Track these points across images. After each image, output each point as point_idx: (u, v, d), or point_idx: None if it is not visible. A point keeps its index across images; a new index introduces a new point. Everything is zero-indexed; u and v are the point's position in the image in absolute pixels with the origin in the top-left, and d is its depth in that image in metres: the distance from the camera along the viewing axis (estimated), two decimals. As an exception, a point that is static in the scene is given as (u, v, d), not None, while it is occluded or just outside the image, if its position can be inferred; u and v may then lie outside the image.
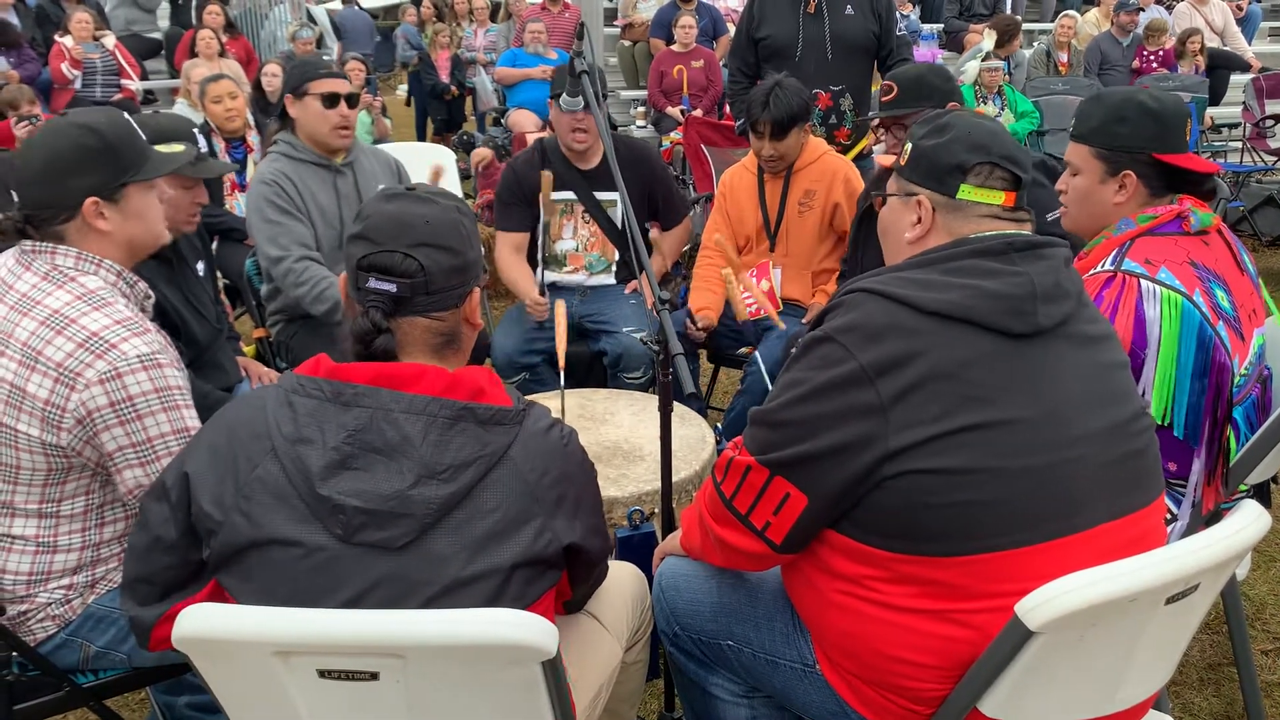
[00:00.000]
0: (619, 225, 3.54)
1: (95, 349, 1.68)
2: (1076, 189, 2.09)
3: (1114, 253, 1.96)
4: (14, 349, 1.70)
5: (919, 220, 1.55)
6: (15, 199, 1.78)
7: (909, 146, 1.60)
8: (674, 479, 2.13)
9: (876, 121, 3.11)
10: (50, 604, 1.81)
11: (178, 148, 2.03)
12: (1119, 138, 2.02)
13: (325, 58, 3.16)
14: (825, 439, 1.39)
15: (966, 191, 1.51)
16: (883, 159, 2.99)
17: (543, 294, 3.41)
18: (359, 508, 1.30)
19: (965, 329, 1.38)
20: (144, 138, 1.90)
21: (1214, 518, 1.98)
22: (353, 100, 3.10)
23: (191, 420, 1.79)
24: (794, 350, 1.50)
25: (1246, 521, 1.41)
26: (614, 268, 3.60)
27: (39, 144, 1.79)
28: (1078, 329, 1.45)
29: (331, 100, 3.04)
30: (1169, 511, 2.03)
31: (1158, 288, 1.88)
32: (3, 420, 1.71)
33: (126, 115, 1.90)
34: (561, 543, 1.40)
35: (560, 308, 2.61)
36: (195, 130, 2.44)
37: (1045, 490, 1.37)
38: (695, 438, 2.54)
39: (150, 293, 1.89)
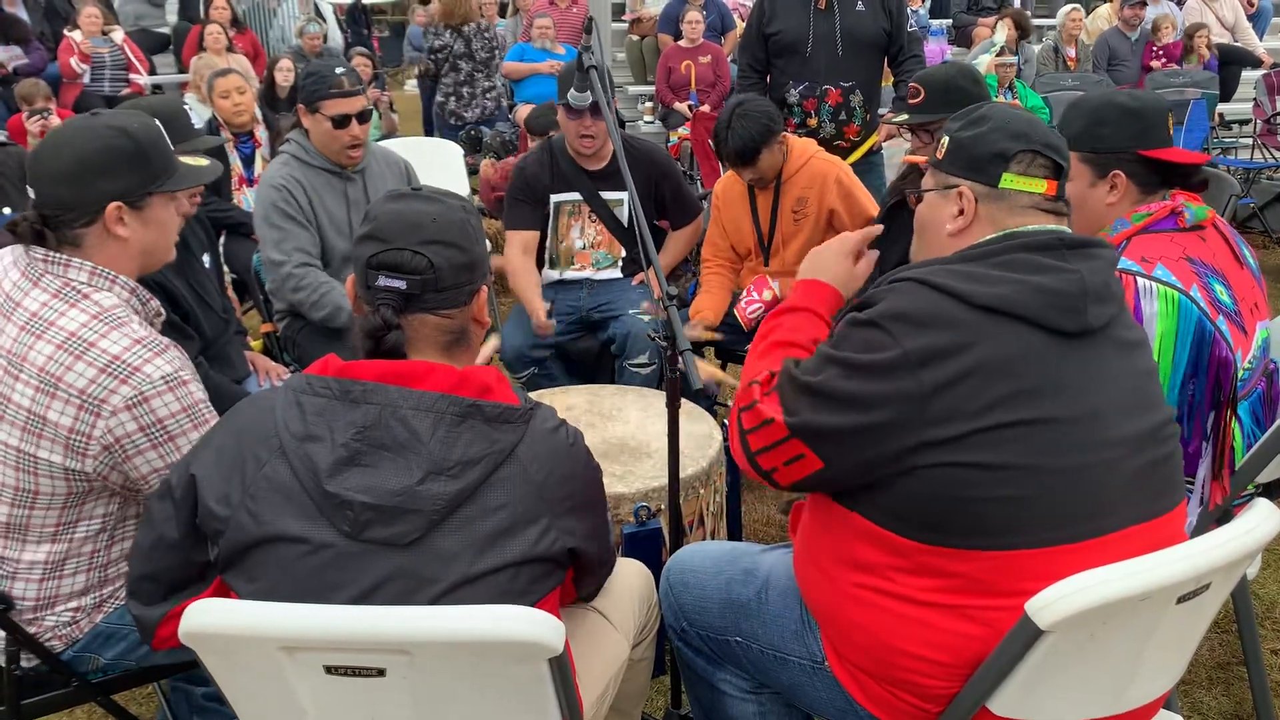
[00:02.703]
0: (625, 224, 3.54)
1: (118, 374, 1.64)
2: (1068, 195, 2.08)
3: None
4: (30, 374, 1.64)
5: (961, 212, 1.54)
6: (31, 195, 1.71)
7: (945, 139, 1.59)
8: (681, 475, 2.13)
9: (888, 121, 3.05)
10: (57, 625, 1.79)
11: (203, 161, 1.98)
12: (1103, 139, 2.03)
13: (336, 66, 3.09)
14: (855, 418, 1.38)
15: (1009, 180, 1.50)
16: (911, 156, 2.93)
17: (547, 298, 3.41)
18: (367, 504, 1.30)
19: (1014, 324, 1.37)
20: (172, 146, 1.84)
21: (1225, 517, 1.97)
22: (364, 117, 3.09)
23: None
24: (837, 330, 1.48)
25: (1258, 520, 1.40)
26: (620, 263, 3.60)
27: (68, 142, 1.71)
28: (1119, 333, 1.44)
29: (342, 121, 3.04)
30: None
31: (1154, 284, 1.88)
32: (21, 447, 1.66)
33: (156, 121, 1.83)
34: (566, 543, 1.40)
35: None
36: (186, 107, 2.43)
37: (1077, 492, 1.36)
38: (702, 434, 2.54)
39: (161, 310, 1.85)
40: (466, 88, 7.21)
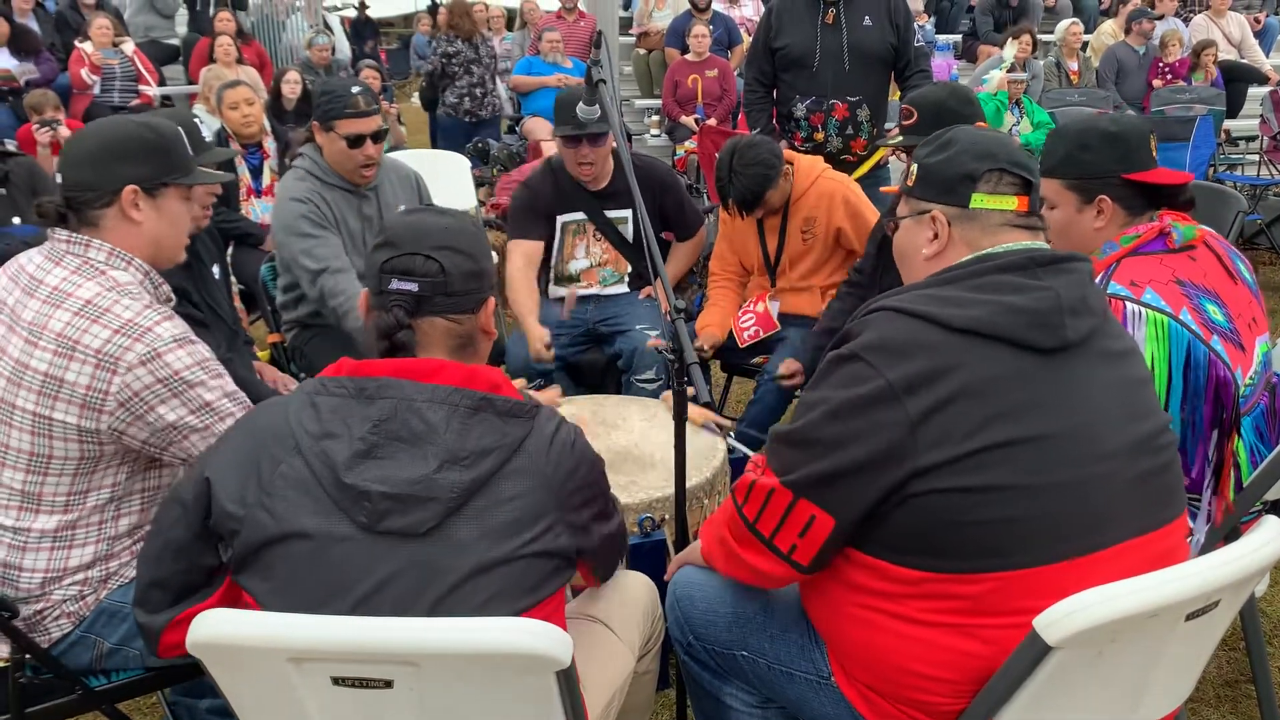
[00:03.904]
0: (630, 240, 3.55)
1: (132, 333, 1.73)
2: (1056, 222, 2.09)
3: (1100, 276, 1.98)
4: (48, 340, 1.73)
5: (935, 236, 1.55)
6: (59, 180, 1.83)
7: (914, 167, 1.61)
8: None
9: (893, 145, 3.05)
10: (65, 600, 1.82)
11: (218, 172, 2.13)
12: (1086, 165, 2.05)
13: (352, 86, 3.07)
14: (850, 455, 1.38)
15: (979, 200, 1.51)
16: (891, 188, 2.95)
17: (553, 314, 3.42)
18: (385, 493, 1.33)
19: (993, 345, 1.38)
20: (191, 152, 1.97)
21: (1233, 534, 1.97)
22: (379, 136, 3.09)
23: (232, 384, 1.84)
24: (819, 368, 1.49)
25: (1267, 538, 1.40)
26: (626, 279, 3.61)
27: (97, 130, 1.86)
28: (1102, 344, 1.44)
29: (357, 141, 3.04)
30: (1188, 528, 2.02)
31: (1143, 310, 1.89)
32: (36, 411, 1.73)
33: (180, 128, 1.97)
34: (575, 539, 1.43)
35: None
36: (197, 120, 2.46)
37: (1072, 507, 1.36)
38: (706, 445, 2.54)
39: (172, 296, 1.93)
40: (479, 89, 7.95)
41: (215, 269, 2.78)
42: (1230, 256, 2.08)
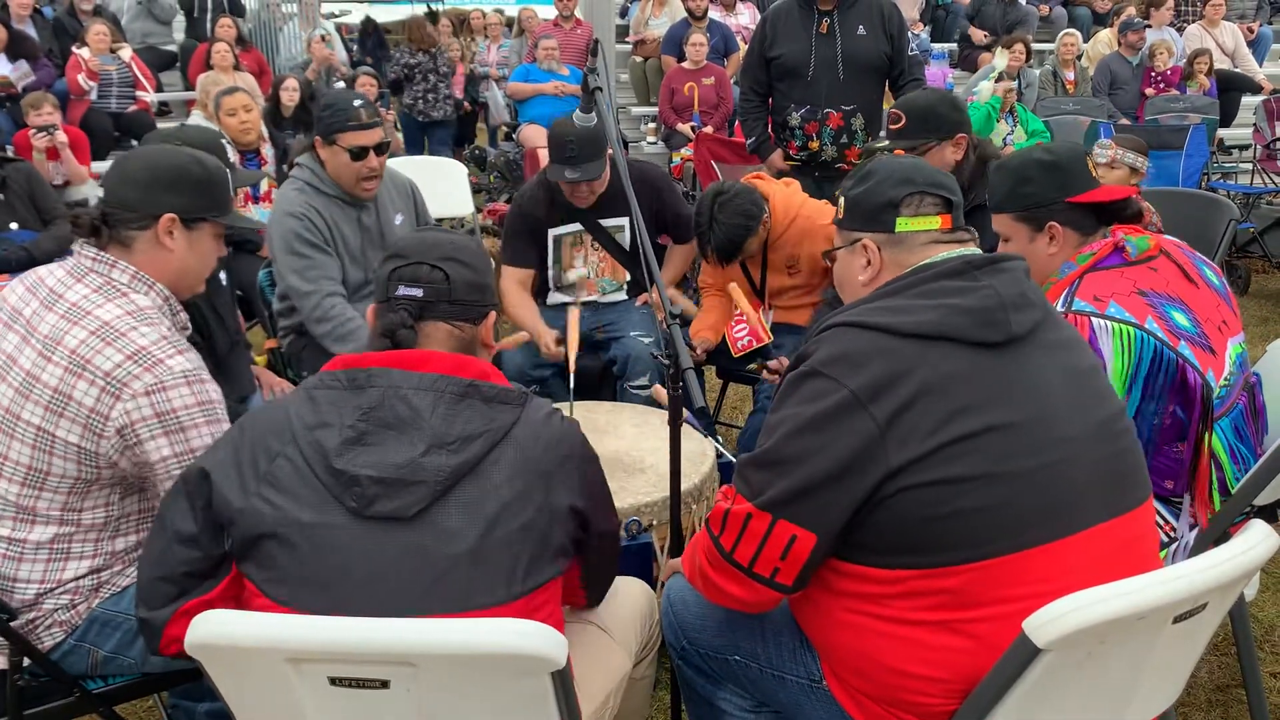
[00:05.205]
0: (627, 248, 3.56)
1: (143, 362, 1.73)
2: (1012, 254, 2.13)
3: (1064, 294, 2.02)
4: (61, 355, 1.74)
5: (868, 263, 1.61)
6: (101, 195, 1.86)
7: (841, 200, 1.67)
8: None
9: (868, 148, 3.07)
10: (57, 610, 1.82)
11: (255, 219, 2.14)
12: (1030, 197, 2.10)
13: (354, 99, 3.06)
14: (821, 466, 1.40)
15: (904, 224, 1.58)
16: None
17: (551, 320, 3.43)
18: (373, 477, 1.36)
19: (945, 345, 1.42)
20: (232, 193, 2.02)
21: (1222, 537, 1.98)
22: (382, 148, 3.07)
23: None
24: (780, 389, 1.52)
25: (1254, 541, 1.41)
26: (624, 287, 3.62)
27: (148, 154, 1.92)
28: (1048, 336, 1.49)
29: (360, 153, 3.03)
30: (1172, 529, 2.04)
31: (1108, 323, 1.92)
32: (42, 426, 1.74)
33: (227, 170, 2.02)
34: (567, 527, 1.45)
35: (573, 315, 2.65)
36: (224, 142, 2.47)
37: (1037, 493, 1.39)
38: (696, 450, 2.56)
39: (188, 324, 1.94)
40: (432, 94, 8.79)
41: (222, 275, 2.79)
42: (1193, 262, 2.11)
